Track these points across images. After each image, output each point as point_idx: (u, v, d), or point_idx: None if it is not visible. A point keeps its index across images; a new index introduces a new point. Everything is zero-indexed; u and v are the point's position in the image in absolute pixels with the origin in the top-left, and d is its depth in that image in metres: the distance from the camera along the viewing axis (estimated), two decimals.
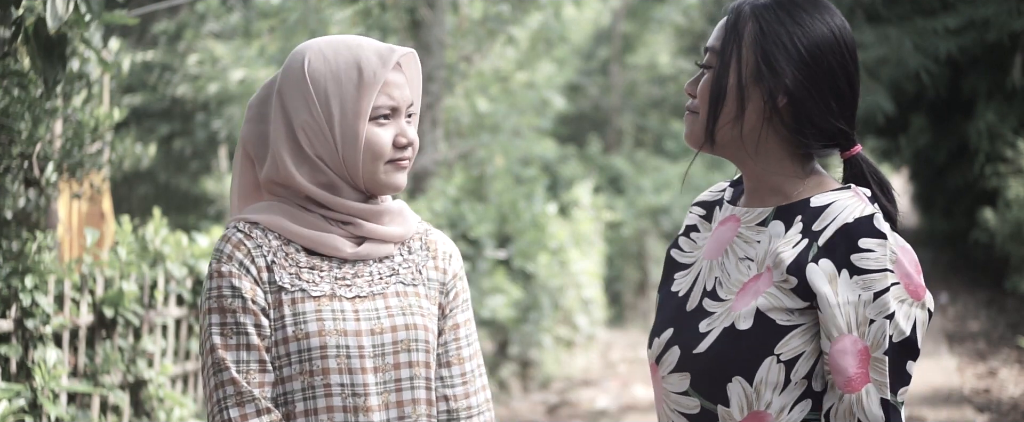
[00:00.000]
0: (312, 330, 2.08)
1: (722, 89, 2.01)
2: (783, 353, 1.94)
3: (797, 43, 1.98)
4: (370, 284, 2.15)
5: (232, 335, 2.08)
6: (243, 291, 2.10)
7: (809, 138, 2.00)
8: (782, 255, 1.95)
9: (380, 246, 2.18)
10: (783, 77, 1.98)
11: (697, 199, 2.23)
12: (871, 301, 1.90)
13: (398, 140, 2.15)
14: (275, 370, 2.10)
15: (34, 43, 3.57)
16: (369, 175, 2.15)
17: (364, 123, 2.12)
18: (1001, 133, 12.26)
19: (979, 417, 8.00)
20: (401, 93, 2.16)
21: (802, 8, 2.01)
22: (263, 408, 2.06)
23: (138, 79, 13.94)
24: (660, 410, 2.08)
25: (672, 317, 2.07)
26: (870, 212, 1.94)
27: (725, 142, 2.03)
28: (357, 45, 2.16)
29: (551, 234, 10.91)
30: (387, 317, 2.13)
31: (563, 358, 11.51)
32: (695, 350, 1.99)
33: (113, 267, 4.85)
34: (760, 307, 1.95)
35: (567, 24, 14.43)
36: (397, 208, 2.22)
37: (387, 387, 2.12)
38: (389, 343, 2.12)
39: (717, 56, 2.03)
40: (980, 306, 13.91)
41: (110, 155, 5.33)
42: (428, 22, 10.24)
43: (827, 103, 1.98)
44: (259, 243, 2.13)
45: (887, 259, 1.91)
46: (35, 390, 4.26)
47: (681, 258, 2.16)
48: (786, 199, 2.03)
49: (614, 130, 20.76)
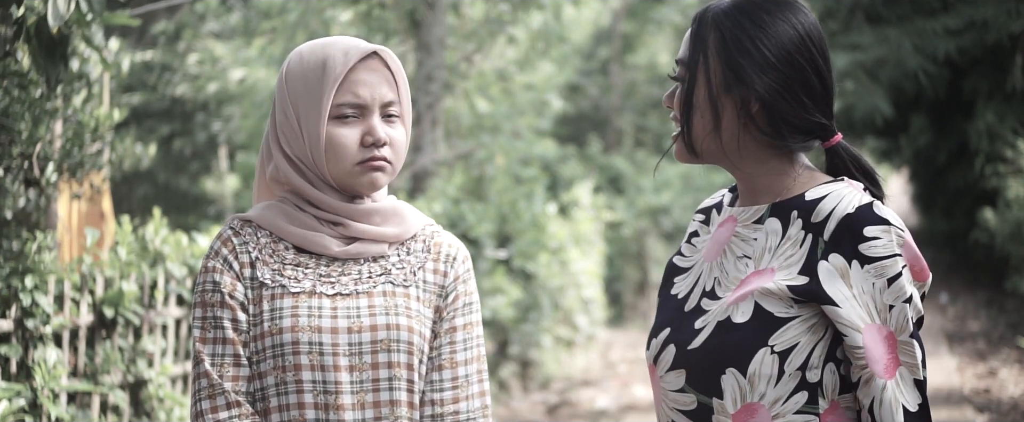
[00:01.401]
0: (285, 325, 2.09)
1: (693, 102, 2.01)
2: (777, 344, 1.94)
3: (762, 47, 1.97)
4: (356, 283, 2.14)
5: (210, 329, 2.11)
6: (222, 286, 2.12)
7: (787, 138, 1.99)
8: (791, 258, 1.96)
9: (371, 246, 2.16)
10: (752, 84, 1.97)
11: (699, 206, 2.24)
12: (886, 287, 1.91)
13: (365, 138, 2.12)
14: (254, 365, 2.10)
15: (36, 42, 3.57)
16: (338, 175, 2.13)
17: (324, 121, 2.10)
18: (1001, 133, 12.26)
19: (979, 417, 7.99)
20: (371, 91, 2.12)
21: (763, 9, 1.99)
22: (232, 401, 2.08)
23: (138, 79, 13.94)
24: (659, 410, 2.09)
25: (670, 318, 2.08)
26: (868, 200, 1.95)
27: (709, 152, 2.03)
28: (331, 44, 2.15)
29: (551, 234, 10.91)
30: (368, 316, 2.12)
31: (563, 358, 11.51)
32: (690, 346, 1.99)
33: (113, 267, 4.85)
34: (758, 301, 1.95)
35: (567, 24, 14.44)
36: (393, 208, 2.20)
37: (363, 386, 2.10)
38: (367, 342, 2.10)
39: (685, 68, 2.04)
40: (980, 306, 13.91)
41: (110, 155, 5.33)
42: (428, 22, 10.25)
43: (800, 101, 1.98)
44: (245, 240, 2.15)
45: (895, 244, 1.92)
46: (35, 390, 4.26)
47: (682, 263, 2.17)
48: (779, 196, 2.03)
49: (614, 130, 20.77)
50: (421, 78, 10.34)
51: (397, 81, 2.17)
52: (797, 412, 1.95)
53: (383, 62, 2.16)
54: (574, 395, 10.10)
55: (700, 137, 2.02)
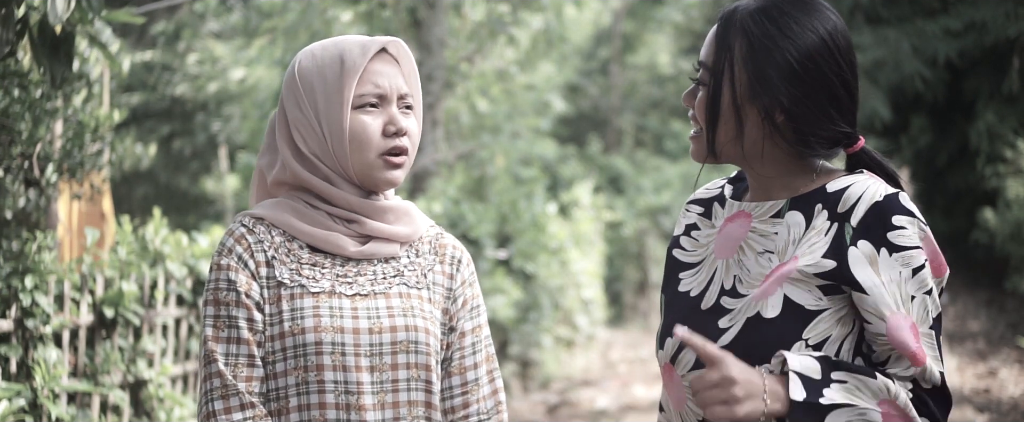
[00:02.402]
0: (308, 326, 2.07)
1: (718, 109, 1.98)
2: (811, 337, 1.93)
3: (788, 57, 1.93)
4: (372, 283, 2.14)
5: (224, 328, 2.09)
6: (238, 285, 2.09)
7: (813, 147, 1.97)
8: (816, 245, 1.94)
9: (385, 245, 2.16)
10: (778, 94, 1.94)
11: (692, 197, 2.21)
12: (910, 277, 1.91)
13: (387, 128, 2.12)
14: (269, 365, 2.09)
15: (39, 41, 3.57)
16: (360, 168, 2.12)
17: (347, 111, 2.11)
18: (1001, 133, 12.26)
19: (979, 417, 7.99)
20: (389, 81, 2.13)
21: (791, 16, 1.96)
22: (247, 402, 2.06)
23: (138, 79, 13.94)
24: (681, 410, 2.05)
25: (685, 317, 2.04)
26: (894, 190, 1.94)
27: (728, 156, 2.01)
28: (344, 40, 2.17)
29: (551, 234, 10.91)
30: (387, 317, 2.11)
31: (563, 358, 11.51)
32: (718, 343, 1.96)
33: (113, 267, 4.85)
34: (788, 293, 1.93)
35: (567, 24, 14.44)
36: (404, 208, 2.20)
37: (383, 387, 2.09)
38: (388, 343, 2.10)
39: (709, 73, 2.00)
40: (980, 306, 13.92)
41: (110, 155, 5.33)
42: (428, 22, 10.25)
43: (826, 112, 1.95)
44: (260, 238, 2.13)
45: (917, 236, 1.92)
46: (35, 390, 4.26)
47: (685, 257, 2.13)
48: (796, 191, 2.01)
49: (614, 130, 20.77)
50: (421, 78, 10.34)
51: (412, 74, 2.19)
52: None
53: (401, 55, 2.18)
54: (574, 395, 10.10)
55: (722, 142, 2.00)
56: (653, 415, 8.63)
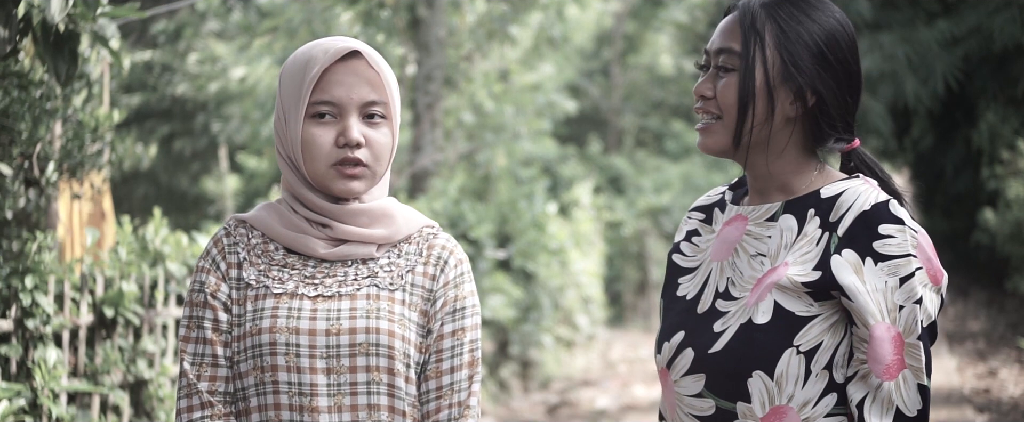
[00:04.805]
0: (264, 326, 2.08)
1: (750, 92, 1.99)
2: (802, 344, 1.93)
3: (816, 39, 1.99)
4: (340, 285, 2.12)
5: (194, 328, 2.13)
6: (207, 286, 2.13)
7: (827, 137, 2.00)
8: (807, 255, 1.95)
9: (359, 247, 2.13)
10: (810, 75, 1.98)
11: (694, 204, 2.21)
12: (898, 287, 1.91)
13: (338, 139, 2.10)
14: (235, 365, 2.11)
15: (42, 39, 3.56)
16: (314, 177, 2.12)
17: (300, 121, 2.10)
18: (1001, 133, 12.26)
19: (979, 417, 8.00)
20: (347, 91, 2.10)
21: (808, 3, 2.01)
22: (205, 402, 2.09)
23: (138, 79, 13.94)
24: (674, 416, 2.05)
25: (681, 320, 2.05)
26: (884, 198, 1.95)
27: (752, 144, 2.01)
28: (318, 44, 2.15)
29: (551, 234, 10.91)
30: (348, 319, 2.09)
31: (563, 358, 11.52)
32: (711, 350, 1.97)
33: (113, 267, 4.86)
34: (778, 300, 1.94)
35: (569, 25, 14.44)
36: (383, 209, 2.16)
37: (340, 389, 2.07)
38: (346, 345, 2.08)
39: (739, 58, 2.00)
40: (980, 306, 13.93)
41: (110, 155, 5.33)
42: (428, 22, 10.25)
43: (845, 96, 2.00)
44: (236, 240, 2.15)
45: (909, 244, 1.92)
46: (35, 390, 4.26)
47: (684, 262, 2.14)
48: (793, 194, 2.02)
49: (615, 130, 20.77)
50: (421, 78, 10.34)
51: (383, 82, 2.13)
52: (827, 414, 1.95)
53: (368, 63, 2.13)
54: (574, 395, 10.11)
55: (751, 127, 2.00)
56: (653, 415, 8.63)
